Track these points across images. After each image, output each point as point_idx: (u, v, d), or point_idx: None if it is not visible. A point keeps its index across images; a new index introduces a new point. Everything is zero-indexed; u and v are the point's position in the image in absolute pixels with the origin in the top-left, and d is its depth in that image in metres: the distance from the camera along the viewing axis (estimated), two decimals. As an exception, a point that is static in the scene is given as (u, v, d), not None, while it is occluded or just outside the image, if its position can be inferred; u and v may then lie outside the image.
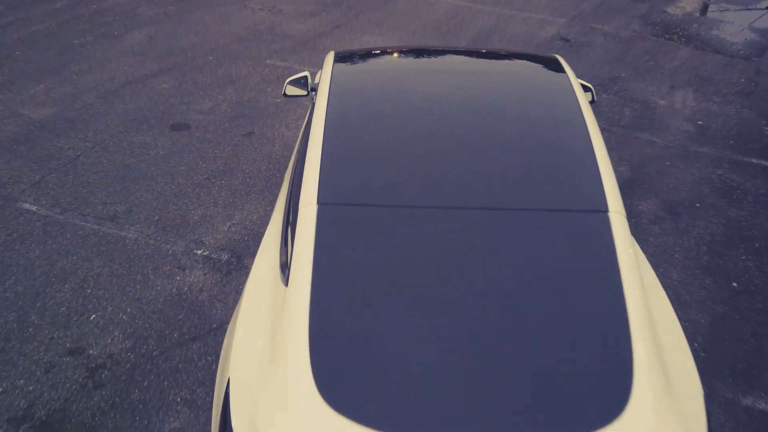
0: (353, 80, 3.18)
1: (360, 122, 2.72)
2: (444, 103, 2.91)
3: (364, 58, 3.58)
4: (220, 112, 6.09)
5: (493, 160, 2.50)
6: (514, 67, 3.48)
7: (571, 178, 2.40)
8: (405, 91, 3.04)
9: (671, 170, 5.28)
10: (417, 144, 2.58)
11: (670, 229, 4.54)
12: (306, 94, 4.08)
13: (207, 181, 4.99)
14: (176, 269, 4.07)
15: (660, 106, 6.44)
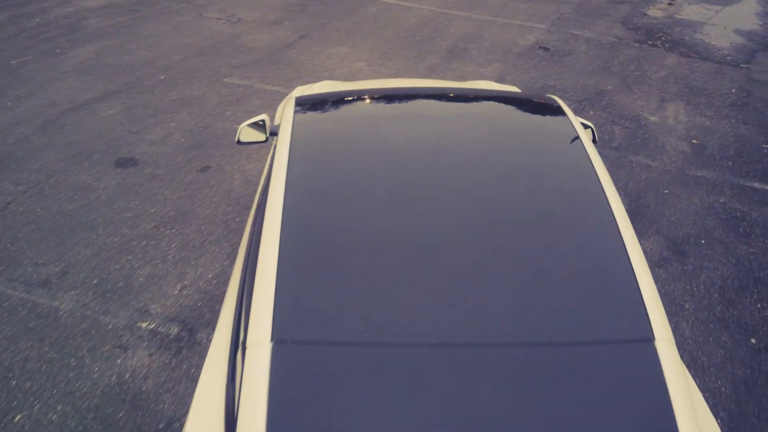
0: (318, 137, 2.60)
1: (330, 206, 2.15)
2: (429, 170, 2.35)
3: (332, 104, 3.01)
4: (173, 143, 5.45)
5: (498, 257, 1.95)
6: (508, 115, 2.93)
7: (601, 292, 1.86)
8: (383, 150, 2.48)
9: (671, 200, 4.81)
10: (404, 246, 2.01)
11: (677, 273, 4.07)
12: (264, 140, 3.49)
13: (155, 231, 4.36)
14: (117, 349, 3.46)
15: (651, 123, 5.98)
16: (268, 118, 3.49)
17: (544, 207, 2.18)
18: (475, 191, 2.24)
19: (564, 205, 2.20)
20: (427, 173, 2.34)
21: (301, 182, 2.26)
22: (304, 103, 3.05)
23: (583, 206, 2.19)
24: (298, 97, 3.12)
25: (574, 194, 2.26)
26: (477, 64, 7.17)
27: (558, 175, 2.37)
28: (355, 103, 3.01)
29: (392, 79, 4.45)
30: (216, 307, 3.75)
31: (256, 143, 3.51)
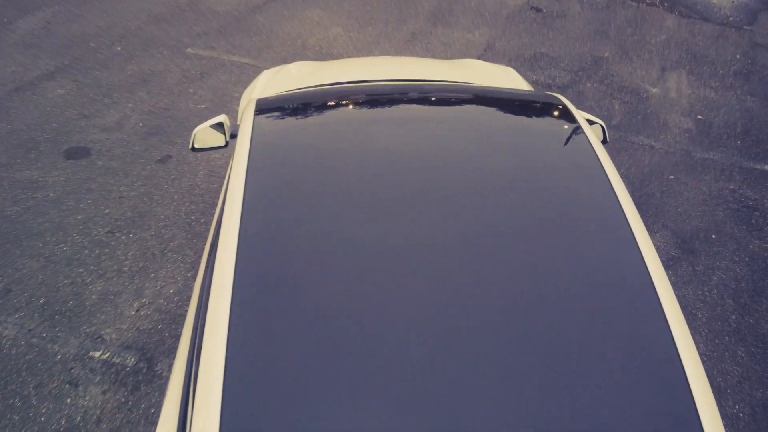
0: (283, 151, 2.15)
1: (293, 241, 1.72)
2: (416, 188, 1.91)
3: (300, 105, 2.53)
4: (129, 128, 4.90)
5: (508, 314, 1.55)
6: (506, 119, 2.47)
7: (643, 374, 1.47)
8: (362, 161, 2.04)
9: (677, 187, 4.43)
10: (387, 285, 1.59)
11: (687, 274, 3.72)
12: (224, 144, 3.00)
13: (110, 237, 3.89)
14: (66, 386, 3.05)
15: (653, 96, 5.54)
16: (227, 119, 2.99)
17: (552, 236, 1.77)
18: (471, 216, 1.83)
19: (575, 229, 1.80)
20: (413, 192, 1.91)
21: (261, 210, 1.84)
22: (266, 106, 2.57)
23: (599, 233, 1.79)
24: (259, 100, 2.64)
25: (588, 215, 1.85)
26: (463, 29, 6.62)
27: (567, 187, 1.98)
28: (328, 102, 2.54)
29: (372, 58, 3.94)
30: (178, 330, 3.34)
31: (214, 149, 3.02)
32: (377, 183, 1.95)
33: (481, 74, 3.57)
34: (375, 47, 6.22)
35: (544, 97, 2.81)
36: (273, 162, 2.07)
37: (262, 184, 1.95)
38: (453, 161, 2.08)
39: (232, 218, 1.84)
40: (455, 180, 1.98)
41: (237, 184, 1.98)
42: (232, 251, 1.71)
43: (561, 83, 5.69)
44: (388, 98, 2.62)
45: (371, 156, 2.11)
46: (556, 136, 2.34)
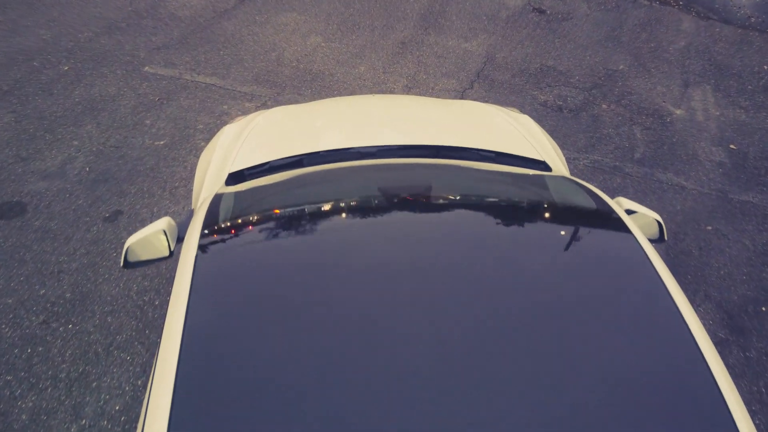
0: (240, 268, 1.79)
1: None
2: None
3: (267, 206, 2.03)
4: (74, 174, 4.19)
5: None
6: (527, 223, 1.92)
7: None
8: (342, 287, 1.67)
9: (716, 242, 3.83)
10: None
11: (738, 364, 3.14)
12: (168, 255, 2.33)
13: (45, 329, 3.22)
14: None
15: (677, 119, 4.91)
16: (170, 224, 2.31)
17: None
18: (490, 365, 1.44)
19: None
20: (413, 341, 1.49)
21: (204, 353, 1.49)
22: (225, 205, 2.06)
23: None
24: (216, 196, 2.06)
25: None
26: (459, 36, 5.91)
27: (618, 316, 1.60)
28: (302, 200, 2.15)
29: (357, 103, 3.25)
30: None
31: (153, 263, 2.35)
32: (361, 317, 1.54)
33: (494, 132, 2.90)
34: (360, 61, 5.50)
35: (563, 182, 2.24)
36: (226, 281, 1.69)
37: (207, 316, 1.58)
38: (459, 291, 1.62)
39: (168, 362, 1.49)
40: (455, 308, 1.57)
41: (176, 315, 1.60)
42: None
43: (573, 105, 5.03)
44: (376, 192, 2.12)
45: (352, 275, 1.68)
46: (592, 239, 1.81)
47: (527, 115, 3.25)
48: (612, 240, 1.93)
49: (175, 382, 1.44)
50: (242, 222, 2.09)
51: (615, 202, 2.43)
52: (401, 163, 2.55)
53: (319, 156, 2.64)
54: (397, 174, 2.41)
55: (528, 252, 1.81)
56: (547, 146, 2.92)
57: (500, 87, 5.21)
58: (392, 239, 1.83)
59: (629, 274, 1.76)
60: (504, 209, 2.11)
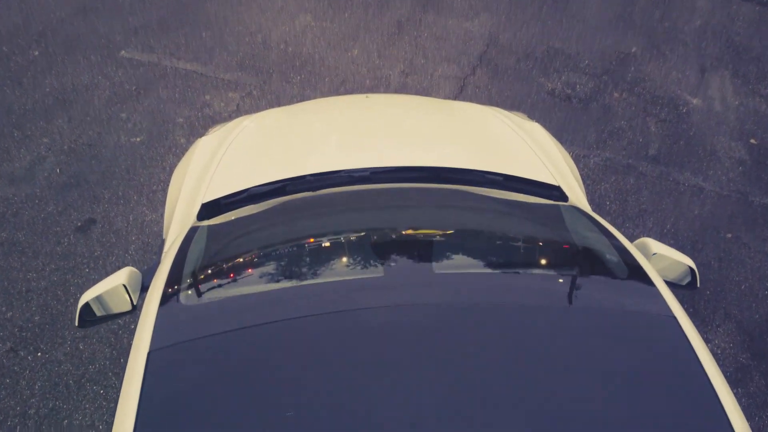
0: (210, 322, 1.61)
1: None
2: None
3: (248, 248, 1.93)
4: (43, 177, 3.91)
5: None
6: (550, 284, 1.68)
7: None
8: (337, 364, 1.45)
9: (737, 252, 3.60)
10: None
11: (759, 390, 2.95)
12: (131, 308, 2.09)
13: (12, 358, 3.00)
14: None
15: (694, 109, 4.63)
16: (131, 276, 2.06)
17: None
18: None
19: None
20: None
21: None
22: (198, 246, 1.90)
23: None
24: (192, 229, 1.86)
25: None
26: (459, 14, 5.56)
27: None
28: (287, 244, 1.95)
29: (348, 104, 2.96)
30: None
31: (115, 318, 2.11)
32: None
33: (501, 148, 2.63)
34: (353, 43, 5.16)
35: (577, 217, 2.02)
36: (188, 353, 1.50)
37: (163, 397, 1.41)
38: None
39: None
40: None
41: (135, 371, 1.48)
42: None
43: (583, 93, 4.73)
44: (370, 231, 1.95)
45: (344, 346, 1.49)
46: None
47: (537, 123, 2.97)
48: (630, 294, 1.70)
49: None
50: (213, 272, 1.85)
51: (641, 243, 2.18)
52: (398, 189, 2.29)
53: (306, 181, 2.37)
54: (393, 207, 2.16)
55: (534, 304, 1.60)
56: (561, 163, 2.65)
57: (504, 73, 4.89)
58: (391, 291, 1.61)
59: (649, 340, 1.53)
60: (512, 251, 1.89)
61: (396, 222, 2.04)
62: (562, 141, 4.21)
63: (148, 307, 1.72)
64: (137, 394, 1.40)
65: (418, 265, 1.74)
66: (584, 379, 1.41)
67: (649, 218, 3.79)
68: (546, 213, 2.16)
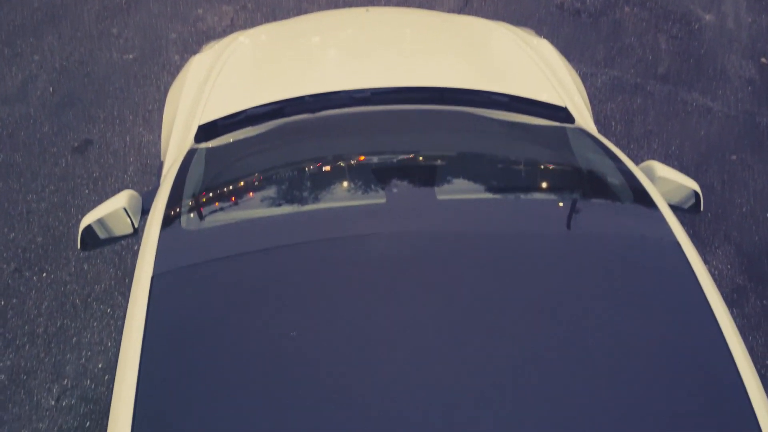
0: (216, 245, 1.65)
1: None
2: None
3: (248, 169, 1.95)
4: (36, 96, 3.85)
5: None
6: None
7: None
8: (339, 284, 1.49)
9: (741, 174, 3.59)
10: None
11: (755, 314, 3.03)
12: (132, 231, 2.10)
13: (17, 278, 3.06)
14: None
15: (707, 26, 4.47)
16: (131, 199, 2.05)
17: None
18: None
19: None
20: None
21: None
22: (196, 170, 1.88)
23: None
24: (190, 152, 1.95)
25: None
26: None
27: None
28: (288, 162, 1.95)
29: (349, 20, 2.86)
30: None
31: (117, 241, 2.12)
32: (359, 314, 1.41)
33: (508, 67, 2.56)
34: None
35: (582, 139, 2.00)
36: (191, 275, 1.54)
37: (169, 317, 1.46)
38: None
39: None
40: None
41: (140, 295, 1.51)
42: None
43: (593, 7, 4.56)
44: (372, 155, 1.95)
45: (346, 269, 1.52)
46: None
47: (545, 40, 2.88)
48: (634, 219, 1.70)
49: (139, 378, 1.36)
50: (213, 196, 1.85)
51: (646, 166, 2.16)
52: (400, 111, 2.25)
53: (304, 103, 2.32)
54: (395, 129, 2.12)
55: (536, 230, 1.61)
56: (568, 83, 2.59)
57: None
58: (394, 217, 1.63)
59: (651, 262, 1.55)
60: (515, 175, 1.88)
61: (398, 146, 2.01)
62: (569, 58, 4.10)
63: (150, 231, 1.73)
64: (143, 318, 1.44)
65: (421, 191, 1.73)
66: (586, 304, 1.43)
67: (654, 139, 3.75)
68: (551, 135, 2.13)
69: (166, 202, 1.83)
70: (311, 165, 1.93)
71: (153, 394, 1.32)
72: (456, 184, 1.82)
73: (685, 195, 2.17)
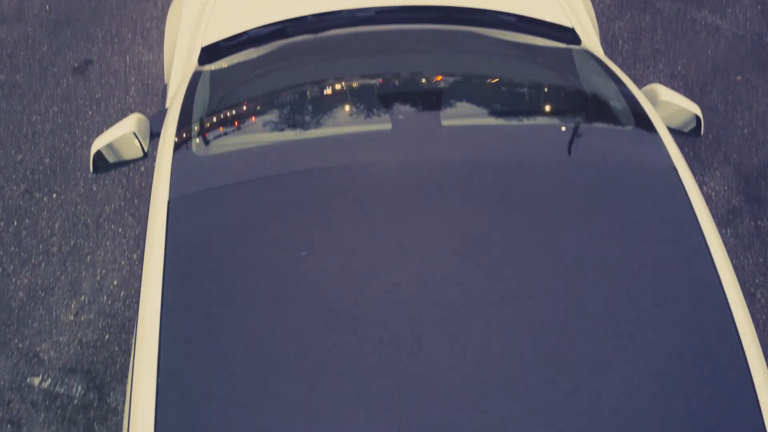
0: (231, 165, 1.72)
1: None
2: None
3: (258, 92, 2.00)
4: (33, 15, 3.80)
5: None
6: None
7: None
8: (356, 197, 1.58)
9: (745, 95, 3.59)
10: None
11: (748, 234, 3.13)
12: (143, 155, 2.14)
13: (28, 199, 3.14)
14: (8, 426, 2.61)
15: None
16: (140, 123, 2.08)
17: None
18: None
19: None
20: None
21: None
22: (201, 94, 1.90)
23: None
24: (195, 75, 1.95)
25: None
26: None
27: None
28: (300, 82, 2.01)
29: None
30: (131, 342, 2.80)
31: (127, 164, 2.17)
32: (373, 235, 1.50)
33: None
34: None
35: (588, 62, 2.02)
36: (208, 200, 1.60)
37: (193, 224, 1.55)
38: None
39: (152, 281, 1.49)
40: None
41: (158, 219, 1.58)
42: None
43: None
44: (378, 79, 1.99)
45: (355, 197, 1.60)
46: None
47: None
48: (633, 144, 1.75)
49: (162, 299, 1.44)
50: (221, 119, 1.89)
51: (650, 89, 2.18)
52: (404, 31, 2.24)
53: (307, 22, 2.31)
54: (400, 50, 2.13)
55: (538, 155, 1.68)
56: (577, 2, 2.56)
57: None
58: (399, 144, 1.68)
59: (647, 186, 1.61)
60: (519, 99, 1.93)
61: (404, 67, 2.03)
62: (577, -26, 3.98)
63: (162, 157, 1.78)
64: (162, 243, 1.51)
65: (426, 115, 1.77)
66: (581, 227, 1.51)
67: (661, 59, 3.72)
68: (557, 58, 2.14)
69: (176, 126, 1.87)
70: (317, 88, 1.96)
71: (177, 311, 1.42)
72: (460, 108, 1.85)
73: (687, 119, 2.21)
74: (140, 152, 2.11)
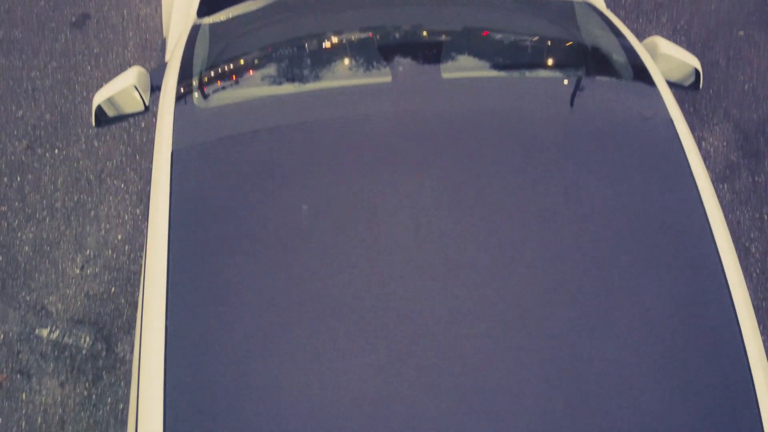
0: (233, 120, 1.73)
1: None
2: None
3: (261, 42, 1.94)
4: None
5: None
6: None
7: None
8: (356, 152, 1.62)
9: (747, 51, 3.58)
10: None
11: (745, 189, 3.16)
12: (144, 109, 2.15)
13: (30, 155, 3.17)
14: (17, 376, 2.68)
15: None
16: (140, 76, 2.09)
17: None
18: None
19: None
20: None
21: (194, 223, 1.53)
22: (202, 47, 1.95)
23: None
24: (194, 28, 1.94)
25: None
26: None
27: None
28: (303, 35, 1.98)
29: None
30: (136, 295, 2.86)
31: (128, 118, 2.18)
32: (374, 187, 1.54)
33: None
34: None
35: (588, 14, 2.03)
36: (217, 139, 1.64)
37: (195, 179, 1.58)
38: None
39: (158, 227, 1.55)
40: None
41: (162, 172, 1.62)
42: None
43: None
44: (382, 32, 2.00)
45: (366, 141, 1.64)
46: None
47: None
48: (631, 96, 1.77)
49: (169, 251, 1.47)
50: (222, 72, 1.90)
51: (650, 42, 2.18)
52: None
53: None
54: (399, 5, 2.12)
55: (536, 107, 1.70)
56: None
57: None
58: (400, 97, 1.69)
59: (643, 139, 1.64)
60: (520, 53, 1.94)
61: (403, 20, 2.02)
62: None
63: (164, 110, 1.79)
64: (167, 194, 1.54)
65: (426, 68, 1.78)
66: (577, 179, 1.54)
67: (664, 13, 3.69)
68: (559, 10, 2.13)
69: (177, 79, 1.88)
70: (317, 40, 1.96)
71: (183, 265, 1.45)
72: (461, 60, 1.86)
73: (686, 72, 2.21)
74: (141, 106, 2.13)
